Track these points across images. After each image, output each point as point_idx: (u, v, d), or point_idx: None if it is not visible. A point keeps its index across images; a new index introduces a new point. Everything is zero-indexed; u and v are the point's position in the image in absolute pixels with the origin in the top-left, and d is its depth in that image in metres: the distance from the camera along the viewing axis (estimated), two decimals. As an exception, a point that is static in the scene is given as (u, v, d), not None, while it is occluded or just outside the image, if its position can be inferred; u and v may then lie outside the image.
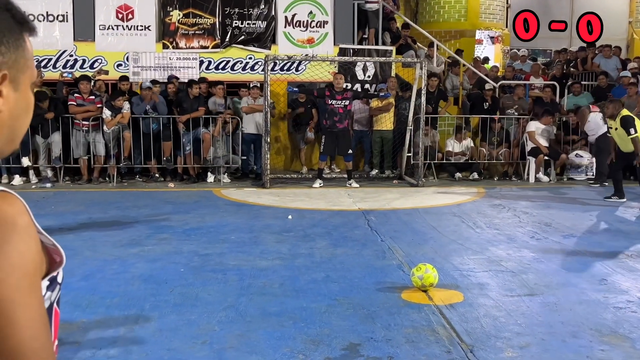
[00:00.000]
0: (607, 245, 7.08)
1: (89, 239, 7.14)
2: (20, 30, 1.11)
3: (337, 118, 11.18)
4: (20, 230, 1.04)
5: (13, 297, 1.01)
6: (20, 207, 1.06)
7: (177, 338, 4.24)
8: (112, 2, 12.60)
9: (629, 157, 9.67)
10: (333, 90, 11.30)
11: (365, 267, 6.05)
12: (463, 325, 4.51)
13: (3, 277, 1.00)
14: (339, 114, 11.19)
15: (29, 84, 1.15)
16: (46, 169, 11.40)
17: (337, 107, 11.19)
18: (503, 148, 12.68)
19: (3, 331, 1.00)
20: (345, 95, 11.28)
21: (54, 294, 1.17)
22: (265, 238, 7.27)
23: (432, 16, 18.72)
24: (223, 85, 12.04)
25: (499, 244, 7.04)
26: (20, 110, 1.14)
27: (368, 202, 9.82)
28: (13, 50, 1.10)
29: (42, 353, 1.04)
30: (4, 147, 1.14)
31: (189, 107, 11.38)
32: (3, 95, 1.09)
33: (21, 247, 1.04)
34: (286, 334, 4.31)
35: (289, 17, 13.14)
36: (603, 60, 14.77)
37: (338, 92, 11.26)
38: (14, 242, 1.03)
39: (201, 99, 11.59)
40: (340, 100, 11.19)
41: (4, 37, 1.07)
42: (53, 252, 1.15)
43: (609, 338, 4.31)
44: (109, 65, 12.50)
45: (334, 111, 11.19)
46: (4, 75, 1.08)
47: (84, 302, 4.92)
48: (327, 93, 11.26)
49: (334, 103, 11.19)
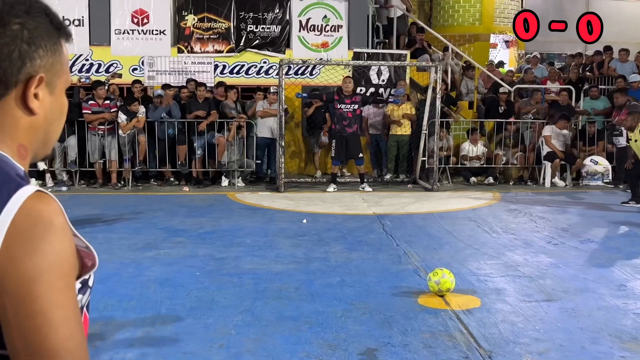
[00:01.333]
0: (625, 250, 7.01)
1: (105, 242, 7.16)
2: (58, 35, 1.14)
3: (347, 122, 11.16)
4: (56, 229, 1.05)
5: (50, 296, 1.01)
6: (56, 207, 1.07)
7: (194, 342, 4.23)
8: (128, 7, 12.67)
9: None
10: (342, 94, 11.28)
11: (381, 271, 6.02)
12: (481, 330, 4.48)
13: (40, 275, 1.01)
14: (348, 118, 11.17)
15: (63, 88, 1.18)
16: (62, 173, 11.46)
17: (345, 111, 11.15)
18: (518, 152, 12.61)
19: (40, 331, 1.00)
20: (354, 100, 11.24)
21: (85, 297, 1.17)
22: (280, 242, 7.26)
23: (446, 20, 18.67)
24: (236, 90, 12.05)
25: (516, 249, 6.98)
26: (55, 115, 1.16)
27: (383, 206, 9.78)
28: (50, 54, 1.12)
29: (77, 353, 1.04)
30: (38, 151, 1.16)
31: (200, 109, 11.42)
32: (39, 98, 1.11)
33: (57, 246, 1.04)
34: (302, 339, 4.29)
35: (304, 22, 13.15)
36: (619, 64, 14.65)
37: (347, 95, 11.23)
38: (51, 241, 1.03)
39: (211, 103, 11.60)
40: (349, 104, 11.16)
41: (42, 41, 1.10)
42: (85, 256, 1.15)
43: (629, 344, 4.26)
44: (124, 69, 12.56)
45: (343, 115, 11.16)
46: (41, 78, 1.10)
47: (100, 305, 4.92)
48: (336, 97, 11.25)
49: (343, 107, 11.16)
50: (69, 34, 1.17)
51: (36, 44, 1.09)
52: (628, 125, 9.83)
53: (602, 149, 12.69)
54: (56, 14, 1.15)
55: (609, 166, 12.30)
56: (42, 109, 1.12)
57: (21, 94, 1.09)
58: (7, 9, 1.07)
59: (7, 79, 1.07)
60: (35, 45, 1.09)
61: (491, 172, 12.57)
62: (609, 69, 14.76)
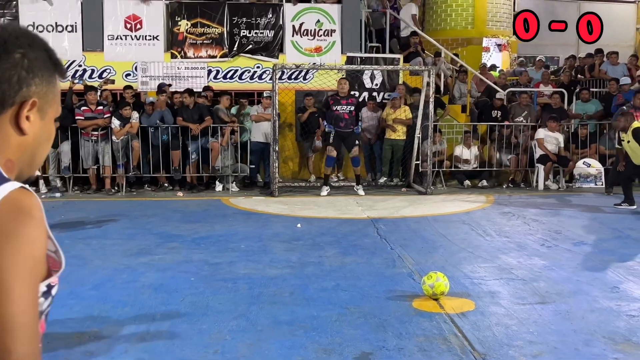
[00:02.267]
0: (618, 252, 7.04)
1: (99, 248, 7.16)
2: (54, 69, 1.30)
3: (343, 124, 11.17)
4: (34, 220, 1.17)
5: (15, 272, 1.12)
6: (37, 202, 1.20)
7: (189, 347, 4.23)
8: (121, 13, 12.68)
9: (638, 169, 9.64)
10: (337, 97, 11.30)
11: (376, 275, 6.03)
12: (475, 333, 4.49)
13: (11, 254, 1.12)
14: (345, 120, 11.17)
15: (53, 117, 1.34)
16: (55, 179, 11.44)
17: (342, 113, 11.17)
18: (511, 154, 12.66)
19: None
20: (350, 101, 11.26)
21: (46, 303, 1.25)
22: (274, 246, 7.26)
23: (438, 24, 18.76)
24: (229, 95, 12.06)
25: (510, 252, 7.01)
26: (42, 138, 1.32)
27: (377, 210, 9.80)
28: (45, 84, 1.28)
29: (28, 330, 1.12)
30: (23, 169, 1.29)
31: (189, 116, 11.42)
32: (31, 120, 1.26)
33: (33, 233, 1.16)
34: (297, 343, 4.30)
35: (297, 26, 13.18)
36: (610, 67, 14.74)
37: (343, 97, 11.25)
38: (28, 228, 1.16)
39: (202, 108, 11.60)
40: (345, 105, 11.19)
41: (40, 71, 1.26)
42: (51, 262, 1.24)
43: (623, 346, 4.28)
44: (117, 75, 12.56)
45: (340, 117, 11.17)
46: (34, 102, 1.25)
47: (94, 312, 4.92)
48: (331, 102, 11.26)
49: (339, 109, 11.18)
50: (63, 71, 1.35)
51: (34, 73, 1.25)
52: (621, 126, 9.88)
53: (594, 151, 12.75)
54: (54, 51, 1.31)
55: (601, 169, 12.36)
56: (32, 131, 1.26)
57: (15, 114, 1.24)
58: (12, 40, 1.24)
59: (4, 99, 1.22)
60: (33, 73, 1.25)
61: (485, 175, 12.61)
62: (599, 71, 14.84)
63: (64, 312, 4.97)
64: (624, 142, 9.90)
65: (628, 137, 9.69)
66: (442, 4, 18.76)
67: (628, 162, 9.93)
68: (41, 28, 12.49)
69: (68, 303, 5.18)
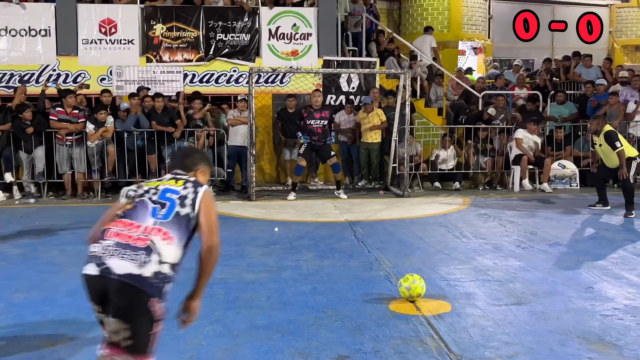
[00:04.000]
0: (592, 253, 7.12)
1: (74, 254, 7.06)
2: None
3: (316, 138, 11.18)
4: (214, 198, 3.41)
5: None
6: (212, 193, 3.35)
7: (164, 353, 4.18)
8: (95, 16, 12.58)
9: (614, 171, 9.72)
10: (310, 110, 11.29)
11: (353, 278, 6.04)
12: (451, 335, 4.51)
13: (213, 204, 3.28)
14: (318, 134, 11.18)
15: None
16: (29, 185, 11.28)
17: (315, 127, 11.17)
18: (487, 157, 12.75)
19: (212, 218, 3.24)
20: (324, 115, 11.26)
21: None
22: (251, 251, 7.24)
23: (415, 27, 18.86)
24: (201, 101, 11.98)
25: (486, 254, 7.05)
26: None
27: (354, 213, 9.81)
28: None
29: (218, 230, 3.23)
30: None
31: (159, 120, 11.36)
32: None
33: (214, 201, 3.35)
34: (274, 347, 4.28)
35: (273, 30, 13.17)
36: (584, 70, 14.91)
37: (316, 110, 11.25)
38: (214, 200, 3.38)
39: (172, 112, 11.53)
40: (318, 119, 11.18)
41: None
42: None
43: (597, 346, 4.33)
44: (92, 79, 12.46)
45: (313, 131, 11.17)
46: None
47: (69, 318, 4.87)
48: (305, 114, 11.26)
49: (312, 123, 11.17)
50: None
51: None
52: (593, 129, 9.99)
53: (569, 153, 12.89)
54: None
55: (576, 170, 12.50)
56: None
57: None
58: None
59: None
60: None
61: (458, 177, 12.69)
62: (574, 74, 15.01)
63: (37, 318, 4.92)
64: (596, 146, 10.00)
65: (600, 141, 9.80)
66: (418, 8, 18.88)
67: (601, 165, 10.04)
68: (14, 32, 12.35)
69: (42, 310, 5.12)
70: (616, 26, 21.53)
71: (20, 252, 7.22)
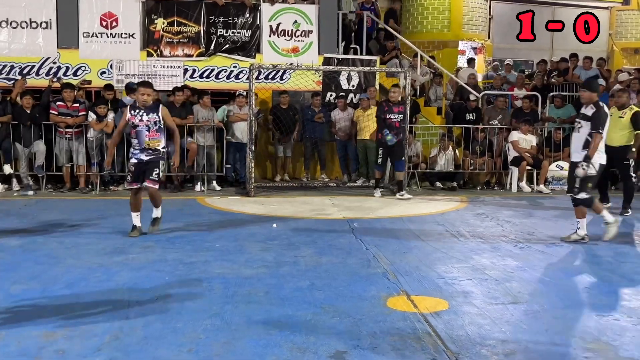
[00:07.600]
0: (589, 253, 7.15)
1: (72, 246, 7.09)
2: None
3: (395, 132, 11.00)
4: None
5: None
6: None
7: (163, 346, 4.21)
8: (97, 10, 12.56)
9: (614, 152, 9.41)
10: (390, 103, 11.08)
11: (351, 275, 6.06)
12: (448, 332, 4.54)
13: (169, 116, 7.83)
14: (396, 128, 11.02)
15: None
16: (28, 177, 11.28)
17: (394, 121, 11.01)
18: (486, 158, 12.78)
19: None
20: (401, 109, 11.11)
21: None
22: (250, 246, 7.26)
23: (415, 27, 18.87)
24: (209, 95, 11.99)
25: (483, 253, 7.08)
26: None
27: (352, 210, 9.84)
28: None
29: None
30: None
31: (176, 115, 11.34)
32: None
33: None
34: (272, 342, 4.31)
35: (274, 26, 13.17)
36: (583, 72, 14.94)
37: (394, 104, 11.05)
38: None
39: (187, 107, 11.57)
40: (397, 113, 11.03)
41: None
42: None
43: (593, 345, 4.36)
44: (92, 73, 12.44)
45: (392, 125, 10.98)
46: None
47: (67, 310, 4.88)
48: (385, 108, 11.04)
49: (392, 117, 11.00)
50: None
51: None
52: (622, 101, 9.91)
53: (567, 154, 12.89)
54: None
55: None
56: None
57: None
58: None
59: None
60: None
61: (458, 177, 12.71)
62: (573, 75, 15.04)
63: (36, 310, 4.93)
64: (612, 117, 9.62)
65: (620, 114, 9.71)
66: (419, 7, 18.88)
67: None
68: (15, 24, 12.33)
69: (40, 302, 5.14)
70: (616, 29, 21.57)
71: (18, 243, 7.23)
